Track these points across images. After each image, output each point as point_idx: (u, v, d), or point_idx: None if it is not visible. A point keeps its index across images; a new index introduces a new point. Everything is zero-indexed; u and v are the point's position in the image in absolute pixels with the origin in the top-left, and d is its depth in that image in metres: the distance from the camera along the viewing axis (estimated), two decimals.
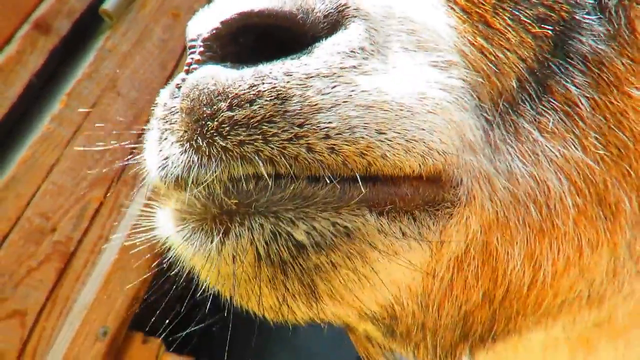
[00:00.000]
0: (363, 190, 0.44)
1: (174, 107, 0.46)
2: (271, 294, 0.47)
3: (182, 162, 0.45)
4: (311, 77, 0.43)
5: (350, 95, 0.44)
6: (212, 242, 0.45)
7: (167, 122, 0.47)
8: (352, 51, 0.45)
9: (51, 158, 1.68)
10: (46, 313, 1.57)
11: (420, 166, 0.47)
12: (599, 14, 0.71)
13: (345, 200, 0.44)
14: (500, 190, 0.55)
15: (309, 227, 0.44)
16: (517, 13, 0.66)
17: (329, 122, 0.43)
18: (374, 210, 0.45)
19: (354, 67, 0.45)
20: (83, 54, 1.86)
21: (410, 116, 0.46)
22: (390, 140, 0.44)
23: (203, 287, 0.54)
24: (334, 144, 0.43)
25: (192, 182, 0.45)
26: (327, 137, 0.43)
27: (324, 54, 0.44)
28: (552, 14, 0.67)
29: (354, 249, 0.45)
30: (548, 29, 0.65)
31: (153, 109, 0.52)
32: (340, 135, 0.43)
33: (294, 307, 0.48)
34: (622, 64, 0.69)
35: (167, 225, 0.51)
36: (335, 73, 0.44)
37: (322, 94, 0.43)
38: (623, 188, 0.64)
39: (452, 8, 0.61)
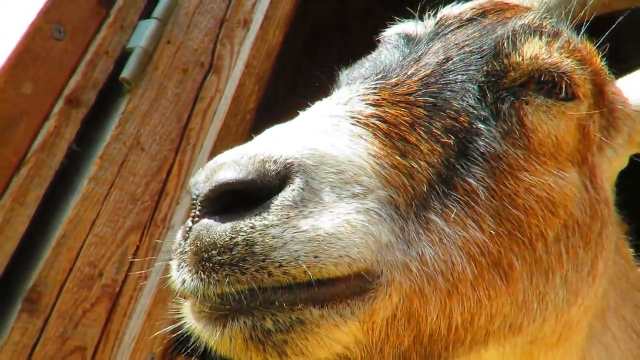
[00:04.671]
0: (308, 294, 0.69)
1: (185, 248, 0.73)
2: (258, 356, 0.73)
3: (193, 284, 0.71)
4: (268, 227, 0.68)
5: (294, 235, 0.68)
6: (217, 333, 0.71)
7: (182, 256, 0.73)
8: (295, 203, 0.70)
9: (92, 214, 1.97)
10: (102, 347, 1.87)
11: (347, 271, 0.71)
12: (494, 118, 0.93)
13: (297, 302, 0.69)
14: (414, 271, 0.79)
15: (274, 320, 0.69)
16: (429, 126, 0.88)
17: (281, 256, 0.68)
18: (317, 305, 0.70)
19: (297, 214, 0.70)
20: (109, 118, 2.15)
21: (336, 240, 0.70)
22: (323, 260, 0.69)
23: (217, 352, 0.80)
24: (286, 270, 0.68)
25: (201, 295, 0.71)
26: (281, 265, 0.68)
27: (276, 210, 0.69)
28: (457, 124, 0.89)
29: (305, 329, 0.70)
30: (452, 138, 0.88)
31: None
32: (289, 264, 0.68)
33: None
34: (516, 154, 0.91)
35: (189, 317, 0.77)
36: (284, 222, 0.69)
37: (276, 238, 0.68)
38: (514, 251, 0.87)
39: (375, 135, 0.84)
